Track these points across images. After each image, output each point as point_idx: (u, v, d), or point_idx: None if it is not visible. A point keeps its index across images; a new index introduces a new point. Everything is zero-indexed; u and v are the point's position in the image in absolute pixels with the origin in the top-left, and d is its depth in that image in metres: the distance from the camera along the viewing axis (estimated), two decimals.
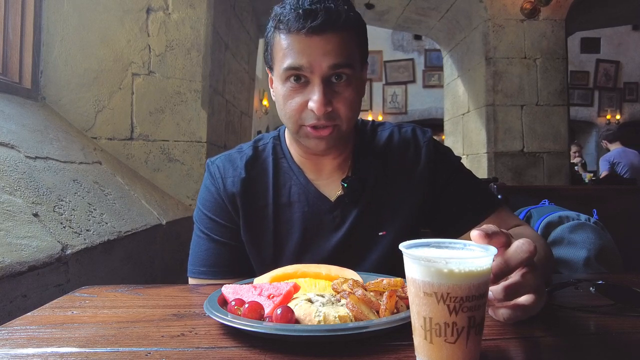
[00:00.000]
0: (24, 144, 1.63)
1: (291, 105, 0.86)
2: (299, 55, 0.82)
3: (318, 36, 0.81)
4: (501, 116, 3.90)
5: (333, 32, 0.82)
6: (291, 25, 0.81)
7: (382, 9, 4.60)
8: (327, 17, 0.80)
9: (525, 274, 0.56)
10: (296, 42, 0.82)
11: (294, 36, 0.82)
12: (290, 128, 0.91)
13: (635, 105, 11.71)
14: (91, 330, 0.62)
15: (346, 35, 0.84)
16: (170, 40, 2.50)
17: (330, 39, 0.82)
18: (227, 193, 0.97)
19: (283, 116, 0.90)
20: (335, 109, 0.85)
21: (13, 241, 1.16)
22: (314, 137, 0.88)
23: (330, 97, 0.84)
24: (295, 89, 0.85)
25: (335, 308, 0.60)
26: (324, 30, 0.81)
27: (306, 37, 0.81)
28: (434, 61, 11.18)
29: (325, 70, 0.82)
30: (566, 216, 1.39)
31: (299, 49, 0.82)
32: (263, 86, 8.73)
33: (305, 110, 0.85)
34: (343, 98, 0.85)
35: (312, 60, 0.81)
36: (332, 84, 0.84)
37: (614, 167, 5.42)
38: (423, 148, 1.00)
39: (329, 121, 0.85)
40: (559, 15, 3.91)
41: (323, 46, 0.81)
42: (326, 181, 0.99)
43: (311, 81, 0.84)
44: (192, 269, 0.98)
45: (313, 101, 0.83)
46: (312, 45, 0.81)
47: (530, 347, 0.56)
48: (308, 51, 0.81)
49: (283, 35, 0.84)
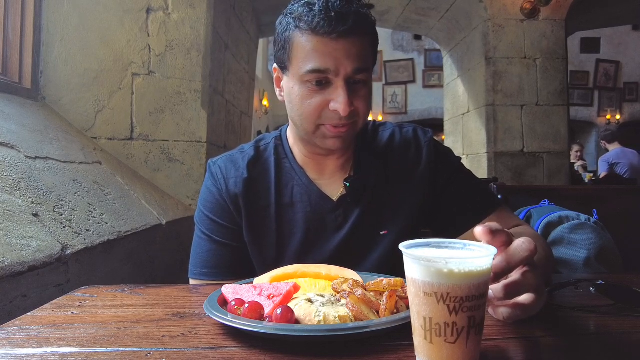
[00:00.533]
0: (24, 144, 1.63)
1: (310, 105, 0.86)
2: (325, 59, 0.82)
3: (345, 40, 0.81)
4: (501, 116, 3.90)
5: (356, 36, 0.83)
6: (320, 27, 0.81)
7: (382, 9, 4.60)
8: (356, 22, 0.81)
9: (526, 272, 0.56)
10: (322, 44, 0.82)
11: (320, 38, 0.82)
12: (306, 127, 0.90)
13: (635, 105, 11.72)
14: (91, 330, 0.62)
15: (367, 39, 0.86)
16: (170, 40, 2.50)
17: (355, 43, 0.83)
18: (230, 194, 0.97)
19: (299, 116, 0.89)
20: (355, 108, 0.87)
21: (13, 241, 1.16)
22: (332, 136, 0.88)
23: (352, 99, 0.85)
24: (315, 90, 0.85)
25: (335, 308, 0.60)
26: (351, 35, 0.82)
27: (333, 40, 0.81)
28: (434, 61, 11.18)
29: (349, 73, 0.83)
30: (566, 216, 1.39)
31: (325, 51, 0.82)
32: (263, 86, 8.73)
33: (324, 110, 0.86)
34: (361, 97, 0.87)
35: (338, 63, 0.82)
36: (351, 85, 0.86)
37: (614, 168, 5.43)
38: (424, 148, 1.01)
39: (349, 120, 0.87)
40: (559, 15, 3.91)
41: (348, 49, 0.82)
42: (328, 181, 0.99)
43: (333, 83, 0.84)
44: (193, 270, 0.98)
45: (338, 102, 0.83)
46: (339, 49, 0.82)
47: (530, 347, 0.56)
48: (334, 54, 0.82)
49: (307, 37, 0.83)
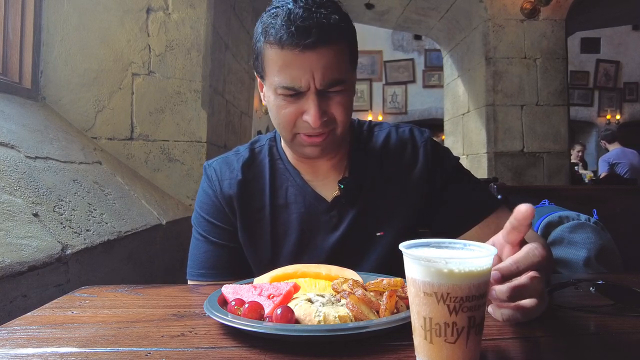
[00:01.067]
0: (24, 144, 1.63)
1: (285, 116, 0.86)
2: (293, 74, 0.81)
3: (312, 51, 0.79)
4: (501, 116, 3.90)
5: (325, 46, 0.80)
6: (284, 41, 0.79)
7: (382, 9, 4.60)
8: (320, 34, 0.79)
9: (533, 278, 0.56)
10: (289, 58, 0.80)
11: (287, 52, 0.80)
12: (284, 136, 0.91)
13: (635, 105, 11.71)
14: (91, 330, 0.62)
15: (338, 48, 0.83)
16: (170, 40, 2.50)
17: (324, 54, 0.80)
18: (224, 195, 0.97)
19: (277, 124, 0.90)
20: (330, 115, 0.86)
21: (13, 241, 1.16)
22: (308, 144, 0.88)
23: (325, 108, 0.84)
24: (288, 101, 0.85)
25: (335, 308, 0.60)
26: (318, 46, 0.80)
27: (300, 53, 0.79)
28: (434, 61, 11.17)
29: (320, 85, 0.82)
30: (566, 216, 1.39)
31: (293, 66, 0.81)
32: None
33: (299, 119, 0.85)
34: (336, 103, 0.85)
35: (307, 77, 0.81)
36: (325, 94, 0.84)
37: (614, 168, 5.42)
38: (421, 148, 1.00)
39: (324, 128, 0.86)
40: (559, 15, 3.91)
41: (317, 62, 0.80)
42: (322, 182, 0.99)
43: (305, 95, 0.83)
44: (191, 271, 0.98)
45: (309, 114, 0.83)
46: (306, 62, 0.80)
47: (530, 347, 0.56)
48: (302, 69, 0.80)
49: (275, 50, 0.82)
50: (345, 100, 0.86)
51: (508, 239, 0.60)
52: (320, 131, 0.86)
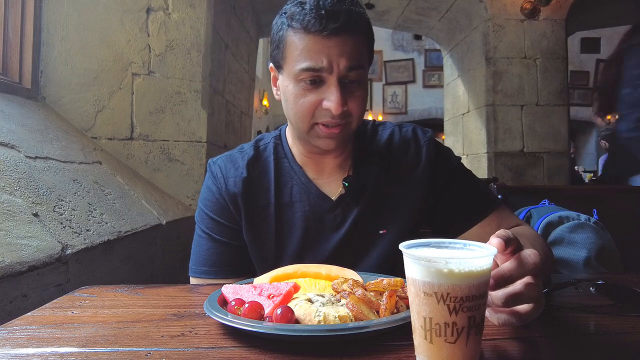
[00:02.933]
0: (24, 144, 1.63)
1: (304, 104, 0.86)
2: (317, 57, 0.82)
3: (337, 37, 0.82)
4: (501, 116, 3.90)
5: (349, 35, 0.83)
6: (311, 26, 0.81)
7: (382, 9, 4.60)
8: (348, 20, 0.81)
9: (528, 285, 0.56)
10: (314, 43, 0.82)
11: (312, 37, 0.82)
12: (300, 127, 0.90)
13: None
14: (91, 330, 0.62)
15: (360, 38, 0.86)
16: (170, 40, 2.50)
17: (347, 41, 0.83)
18: (229, 193, 0.97)
19: (293, 115, 0.89)
20: (349, 108, 0.87)
21: (13, 241, 1.16)
22: (324, 136, 0.89)
23: (346, 98, 0.85)
24: (308, 89, 0.86)
25: (335, 308, 0.60)
26: (343, 32, 0.82)
27: (324, 38, 0.81)
28: (434, 61, 11.18)
29: (342, 71, 0.83)
30: (566, 216, 1.39)
31: (317, 50, 0.82)
32: (263, 86, 8.73)
33: (318, 108, 0.86)
34: (355, 97, 0.87)
35: (330, 60, 0.82)
36: (345, 85, 0.86)
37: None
38: (423, 147, 1.01)
39: (342, 119, 0.87)
40: (559, 15, 3.91)
41: (340, 47, 0.82)
42: (327, 180, 0.99)
43: (327, 81, 0.84)
44: (193, 268, 0.99)
45: (331, 101, 0.84)
46: (331, 46, 0.82)
47: (530, 347, 0.56)
48: (327, 52, 0.82)
49: (299, 35, 0.83)
50: (363, 94, 0.88)
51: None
52: (338, 121, 0.86)
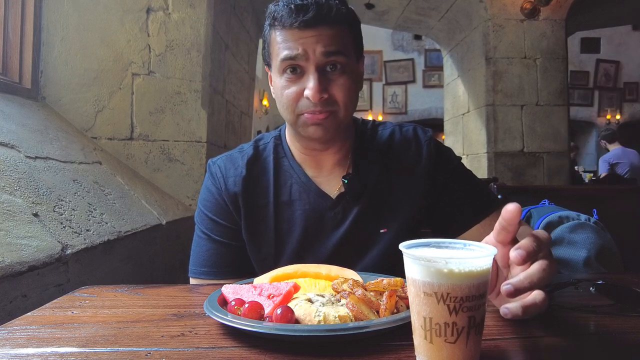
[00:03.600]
0: (24, 144, 1.63)
1: (288, 95, 0.89)
2: (293, 46, 0.86)
3: (311, 29, 0.85)
4: (501, 116, 3.90)
5: (325, 25, 0.85)
6: (285, 20, 0.85)
7: (382, 9, 4.60)
8: (318, 11, 0.84)
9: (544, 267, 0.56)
10: (290, 34, 0.86)
11: (288, 30, 0.86)
12: (288, 119, 0.92)
13: (635, 105, 11.71)
14: (91, 330, 0.62)
15: (338, 28, 0.87)
16: (170, 40, 2.50)
17: (323, 31, 0.85)
18: (229, 193, 0.97)
19: (281, 107, 0.92)
20: (331, 96, 0.88)
21: (13, 241, 1.16)
22: (311, 124, 0.89)
23: (326, 85, 0.87)
24: (291, 80, 0.88)
25: (335, 308, 0.60)
26: (316, 24, 0.85)
27: (299, 30, 0.85)
28: (434, 61, 11.17)
29: (319, 57, 0.85)
30: (566, 216, 1.39)
31: (293, 40, 0.86)
32: (263, 86, 8.73)
33: (301, 98, 0.88)
34: (338, 85, 0.88)
35: (306, 48, 0.85)
36: (327, 73, 0.87)
37: (614, 168, 5.42)
38: (424, 147, 1.01)
39: (326, 107, 0.88)
40: (559, 15, 3.91)
41: (317, 37, 0.85)
42: (327, 178, 0.99)
43: (306, 70, 0.87)
44: (193, 269, 0.99)
45: (309, 88, 0.86)
46: (306, 37, 0.85)
47: (530, 347, 0.56)
48: (302, 41, 0.85)
49: (278, 31, 0.88)
50: (347, 82, 0.89)
51: (498, 239, 0.61)
52: (320, 108, 0.87)
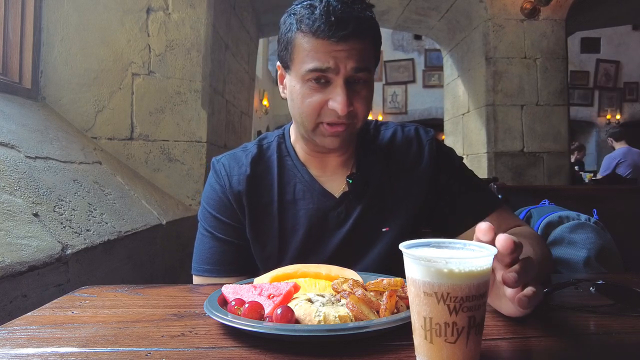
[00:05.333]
0: (24, 144, 1.63)
1: (310, 104, 0.87)
2: (324, 58, 0.84)
3: (345, 42, 0.83)
4: (501, 116, 3.90)
5: (358, 39, 0.84)
6: (320, 31, 0.83)
7: (382, 9, 4.60)
8: (356, 27, 0.83)
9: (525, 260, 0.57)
10: (322, 46, 0.84)
11: (320, 40, 0.83)
12: (306, 125, 0.91)
13: (635, 105, 11.72)
14: (91, 330, 0.62)
15: (366, 42, 0.87)
16: (170, 40, 2.50)
17: (356, 45, 0.84)
18: (233, 191, 0.98)
19: (299, 114, 0.91)
20: (354, 109, 0.88)
21: (13, 241, 1.16)
22: (329, 135, 0.90)
23: (352, 99, 0.86)
24: (315, 89, 0.87)
25: (335, 308, 0.60)
26: (352, 38, 0.83)
27: (333, 43, 0.83)
28: (434, 61, 11.18)
29: (348, 72, 0.85)
30: (566, 216, 1.39)
31: (325, 52, 0.84)
32: (263, 86, 8.73)
33: (324, 108, 0.87)
34: (361, 97, 0.88)
35: (337, 62, 0.84)
36: (351, 85, 0.87)
37: (617, 166, 5.40)
38: (426, 146, 1.01)
39: (348, 120, 0.88)
40: (559, 15, 3.91)
41: (348, 51, 0.84)
42: (330, 177, 1.00)
43: (333, 82, 0.86)
44: (196, 266, 0.99)
45: (337, 102, 0.85)
46: (339, 50, 0.83)
47: (530, 347, 0.56)
48: (334, 54, 0.83)
49: (308, 38, 0.85)
50: (368, 95, 0.89)
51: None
52: (344, 120, 0.87)
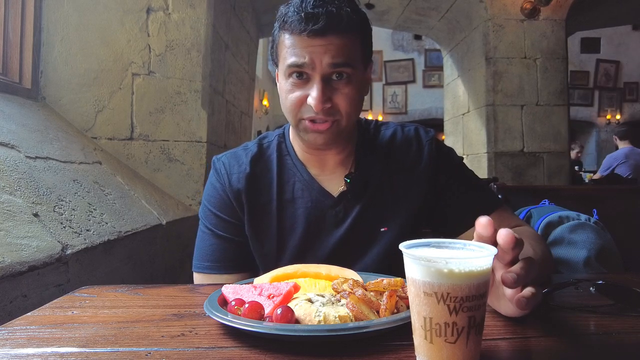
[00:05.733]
0: (24, 144, 1.63)
1: (291, 99, 0.89)
2: (300, 53, 0.85)
3: (320, 38, 0.84)
4: (501, 116, 3.90)
5: (334, 34, 0.84)
6: (294, 27, 0.85)
7: (382, 9, 4.60)
8: (328, 21, 0.83)
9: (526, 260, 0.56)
10: (299, 41, 0.85)
11: (296, 36, 0.85)
12: (290, 121, 0.94)
13: (635, 105, 11.72)
14: (91, 330, 0.62)
15: (348, 37, 0.86)
16: (170, 40, 2.50)
17: (332, 41, 0.84)
18: (233, 189, 0.98)
19: (284, 108, 0.93)
20: (334, 105, 0.88)
21: (13, 241, 1.16)
22: (311, 131, 0.90)
23: (330, 94, 0.87)
24: (296, 84, 0.88)
25: (335, 308, 0.60)
26: (325, 33, 0.84)
27: (308, 38, 0.84)
28: (434, 61, 11.18)
29: (325, 68, 0.85)
30: (566, 216, 1.39)
31: (301, 47, 0.85)
32: (263, 86, 8.74)
33: (304, 104, 0.88)
34: (343, 94, 0.88)
35: (313, 57, 0.84)
36: (332, 82, 0.87)
37: (619, 166, 5.38)
38: (425, 146, 1.01)
39: (328, 116, 0.88)
40: (559, 15, 3.91)
41: (325, 46, 0.84)
42: (329, 176, 1.00)
43: (312, 78, 0.86)
44: (197, 264, 1.00)
45: (312, 97, 0.85)
46: (314, 45, 0.84)
47: (530, 347, 0.56)
48: (310, 50, 0.84)
49: (287, 35, 0.87)
50: (352, 92, 0.88)
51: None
52: (322, 117, 0.88)
